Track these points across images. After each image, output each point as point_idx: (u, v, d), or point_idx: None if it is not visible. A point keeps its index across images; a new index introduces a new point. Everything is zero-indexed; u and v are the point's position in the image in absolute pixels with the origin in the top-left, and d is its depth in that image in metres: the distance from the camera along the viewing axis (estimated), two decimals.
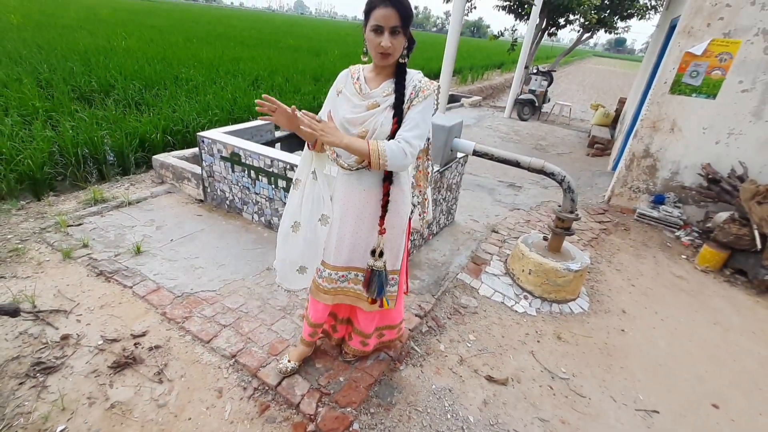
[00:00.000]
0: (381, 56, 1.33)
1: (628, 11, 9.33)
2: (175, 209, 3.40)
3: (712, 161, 3.79)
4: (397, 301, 1.84)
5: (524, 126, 8.40)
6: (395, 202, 1.55)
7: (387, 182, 1.50)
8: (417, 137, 1.37)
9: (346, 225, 1.58)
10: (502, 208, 4.17)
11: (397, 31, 1.30)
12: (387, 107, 1.39)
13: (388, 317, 1.93)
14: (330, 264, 1.66)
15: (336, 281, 1.68)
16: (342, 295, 1.73)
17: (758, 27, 3.37)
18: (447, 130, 2.88)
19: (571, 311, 2.70)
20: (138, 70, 7.31)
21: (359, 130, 1.41)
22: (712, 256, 3.36)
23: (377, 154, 1.31)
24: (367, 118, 1.39)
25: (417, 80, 1.42)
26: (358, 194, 1.53)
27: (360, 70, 1.49)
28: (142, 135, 4.52)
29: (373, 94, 1.41)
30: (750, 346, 2.57)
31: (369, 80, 1.45)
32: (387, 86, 1.41)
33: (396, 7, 1.26)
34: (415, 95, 1.40)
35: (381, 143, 1.33)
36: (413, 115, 1.39)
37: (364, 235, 1.59)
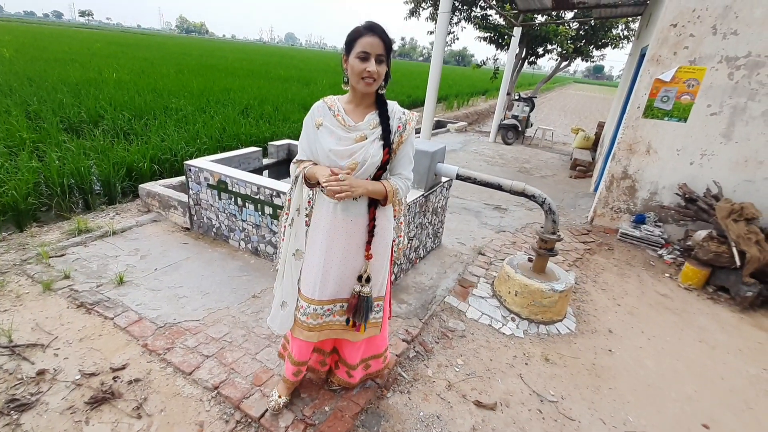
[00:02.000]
0: (365, 83, 1.37)
1: (602, 41, 9.84)
2: (161, 238, 3.37)
3: (687, 181, 3.92)
4: (382, 328, 1.82)
5: (509, 150, 8.61)
6: (381, 227, 1.57)
7: (373, 207, 1.52)
8: (411, 170, 1.58)
9: (333, 256, 1.56)
10: (488, 231, 4.22)
11: (382, 60, 1.36)
12: (375, 139, 1.43)
13: (373, 346, 1.89)
14: (315, 299, 1.61)
15: (321, 316, 1.64)
16: (328, 330, 1.68)
17: (721, 54, 3.57)
18: (430, 156, 2.95)
19: (558, 332, 2.71)
20: (128, 101, 7.40)
21: (348, 162, 1.42)
22: (694, 273, 3.42)
23: (393, 193, 1.48)
24: (356, 150, 1.42)
25: (400, 112, 1.48)
26: (345, 224, 1.53)
27: (336, 101, 1.49)
28: (130, 164, 4.53)
29: (360, 126, 1.44)
30: (737, 363, 2.58)
31: (349, 112, 1.47)
32: (371, 118, 1.44)
33: (381, 36, 1.34)
34: (403, 128, 1.46)
35: (393, 183, 1.49)
36: (407, 150, 1.51)
37: (351, 263, 1.58)
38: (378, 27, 1.35)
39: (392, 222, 1.65)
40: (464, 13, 9.86)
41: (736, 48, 3.51)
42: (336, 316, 1.66)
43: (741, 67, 3.54)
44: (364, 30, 1.34)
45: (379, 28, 1.34)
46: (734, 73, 3.57)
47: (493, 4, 7.50)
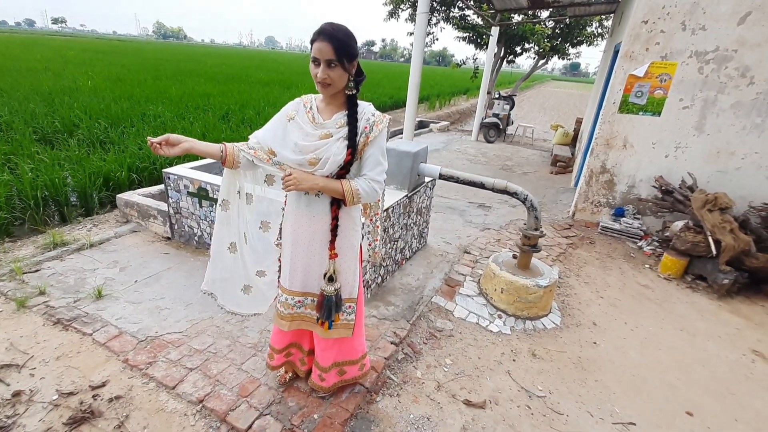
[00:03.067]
0: (320, 86, 1.39)
1: (577, 38, 10.04)
2: (141, 249, 3.30)
3: (663, 173, 4.02)
4: (356, 332, 1.80)
5: (491, 148, 8.70)
6: (344, 227, 1.58)
7: (335, 206, 1.53)
8: (381, 172, 1.50)
9: (298, 249, 1.60)
10: (473, 229, 4.25)
11: (333, 64, 1.33)
12: (340, 138, 1.43)
13: (346, 350, 1.86)
14: (287, 289, 1.67)
15: (293, 306, 1.69)
16: (299, 321, 1.73)
17: (691, 49, 3.68)
18: (412, 156, 2.95)
19: (544, 327, 2.74)
20: (104, 109, 7.22)
21: (310, 157, 1.43)
22: (672, 263, 3.50)
23: (351, 194, 1.45)
24: (319, 146, 1.43)
25: (370, 113, 1.48)
26: (308, 220, 1.56)
27: (312, 99, 1.53)
28: (107, 174, 4.42)
29: (327, 124, 1.45)
30: (717, 350, 2.65)
31: (321, 110, 1.49)
32: (339, 118, 1.45)
33: (331, 41, 1.30)
34: (370, 129, 1.45)
35: (354, 183, 1.45)
36: (374, 152, 1.47)
37: (316, 259, 1.61)
38: (328, 31, 1.31)
39: (359, 224, 1.66)
40: (443, 13, 9.94)
41: (704, 43, 3.62)
42: (307, 308, 1.71)
43: (710, 62, 3.65)
44: (316, 34, 1.33)
45: (329, 32, 1.31)
46: (704, 68, 3.68)
47: (470, 5, 7.58)
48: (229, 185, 1.63)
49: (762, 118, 3.61)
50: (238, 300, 1.79)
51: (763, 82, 3.54)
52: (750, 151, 3.72)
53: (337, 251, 1.59)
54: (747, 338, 2.79)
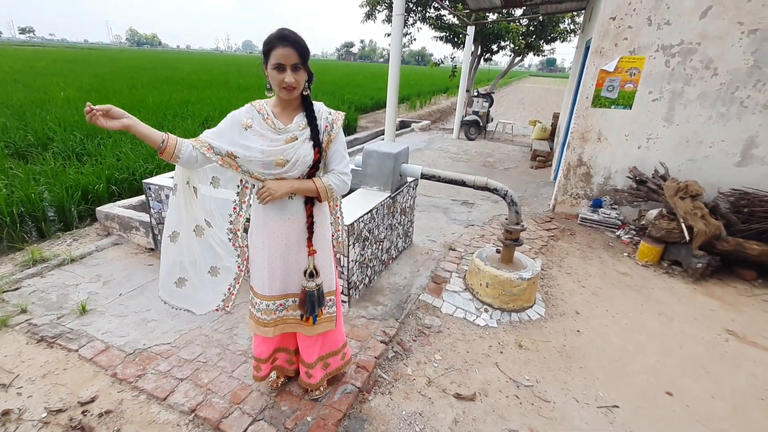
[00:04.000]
0: (286, 91, 1.41)
1: (551, 35, 10.29)
2: (124, 261, 3.25)
3: (637, 164, 4.16)
4: (337, 323, 1.85)
5: (472, 145, 8.83)
6: (319, 223, 1.63)
7: (309, 204, 1.58)
8: (347, 165, 1.60)
9: (275, 253, 1.61)
10: (457, 226, 4.32)
11: (298, 67, 1.39)
12: (305, 139, 1.48)
13: (329, 342, 1.91)
14: (266, 295, 1.67)
15: (275, 311, 1.70)
16: (283, 324, 1.75)
17: (657, 44, 3.82)
18: (394, 157, 2.99)
19: (529, 318, 2.81)
20: (78, 120, 7.05)
21: (276, 159, 1.45)
22: (649, 251, 3.63)
23: (325, 191, 1.52)
24: (286, 150, 1.46)
25: (326, 112, 1.55)
26: (282, 223, 1.58)
27: (264, 105, 1.51)
28: (85, 187, 4.34)
29: (289, 128, 1.48)
30: (693, 331, 2.76)
31: (278, 115, 1.50)
32: (300, 120, 1.49)
33: (294, 46, 1.35)
34: (330, 127, 1.53)
35: (325, 180, 1.53)
36: (338, 148, 1.57)
37: (294, 259, 1.64)
38: (290, 36, 1.36)
39: (329, 217, 1.72)
40: (419, 14, 10.03)
41: (670, 37, 3.77)
42: (289, 310, 1.73)
43: (676, 55, 3.79)
44: (276, 41, 1.35)
45: (291, 37, 1.36)
46: (670, 61, 3.82)
47: (445, 5, 7.68)
48: (180, 173, 1.57)
49: (726, 108, 3.78)
50: (172, 292, 1.71)
51: (725, 73, 3.70)
52: (717, 140, 3.88)
53: (315, 247, 1.63)
54: (721, 318, 2.92)
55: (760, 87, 3.64)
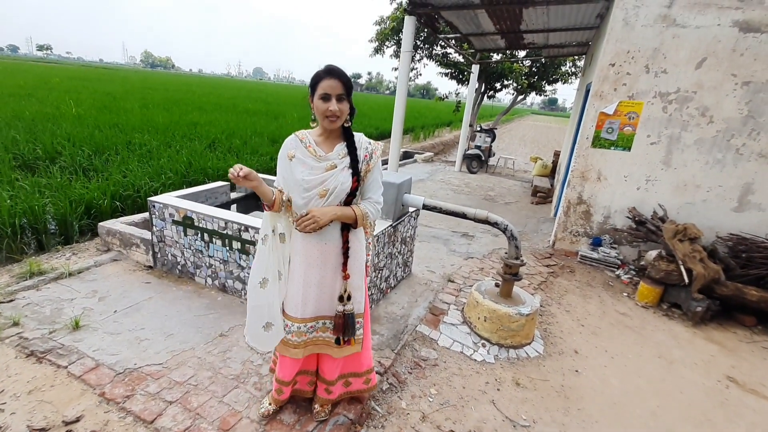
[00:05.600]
0: (329, 120, 1.52)
1: (553, 77, 10.67)
2: (121, 278, 3.24)
3: (636, 205, 4.22)
4: (363, 345, 1.85)
5: (474, 178, 8.95)
6: (354, 248, 1.67)
7: (346, 231, 1.63)
8: (381, 194, 1.71)
9: (312, 277, 1.65)
10: (456, 258, 4.32)
11: (343, 98, 1.51)
12: (344, 167, 1.57)
13: (352, 364, 1.92)
14: (298, 317, 1.70)
15: (306, 333, 1.72)
16: (312, 345, 1.76)
17: (655, 90, 3.96)
18: (397, 187, 3.04)
19: (527, 355, 2.77)
20: (88, 136, 7.19)
21: (319, 190, 1.54)
22: (649, 292, 3.62)
23: (362, 217, 1.60)
24: (327, 178, 1.55)
25: (366, 142, 1.64)
26: (320, 248, 1.63)
27: (308, 135, 1.63)
28: (89, 201, 4.37)
29: (330, 157, 1.57)
30: (693, 377, 2.72)
31: (320, 144, 1.60)
32: (340, 149, 1.59)
33: (340, 78, 1.49)
34: (370, 157, 1.61)
35: (363, 207, 1.61)
36: (375, 177, 1.66)
37: (329, 283, 1.68)
38: (336, 70, 1.50)
39: (364, 242, 1.76)
40: (426, 51, 10.42)
41: (667, 84, 3.91)
42: (319, 332, 1.75)
43: (673, 101, 3.93)
44: (324, 74, 1.50)
45: (337, 71, 1.50)
46: (668, 107, 3.96)
47: (452, 44, 8.01)
48: (268, 223, 1.66)
49: (723, 154, 3.87)
50: (259, 336, 1.73)
51: (721, 121, 3.82)
52: (714, 185, 3.95)
53: (349, 272, 1.67)
54: (721, 365, 2.87)
55: (755, 136, 3.74)
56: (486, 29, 6.07)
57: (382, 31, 10.26)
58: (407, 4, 4.74)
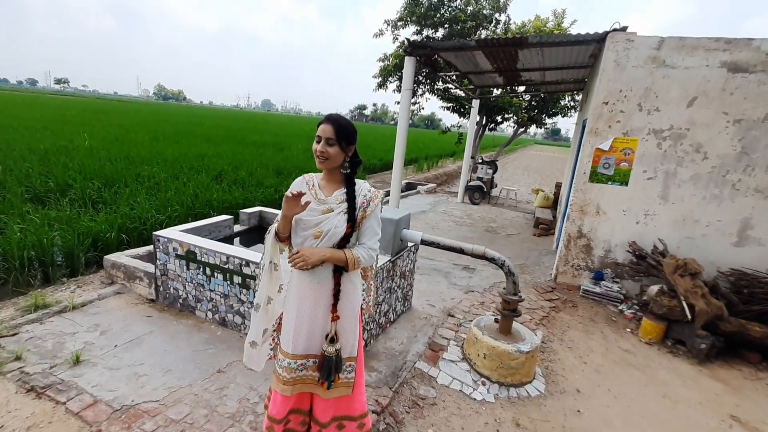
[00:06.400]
0: (318, 160, 1.61)
1: (552, 110, 10.92)
2: (124, 311, 3.27)
3: (636, 239, 4.23)
4: (355, 390, 1.84)
5: (476, 210, 9.02)
6: (346, 291, 1.71)
7: (337, 273, 1.67)
8: (377, 241, 1.72)
9: (303, 314, 1.69)
10: (457, 291, 4.32)
11: (332, 143, 1.58)
12: (341, 212, 1.62)
13: (345, 407, 1.89)
14: (289, 353, 1.71)
15: (295, 370, 1.73)
16: (301, 384, 1.76)
17: (649, 127, 4.07)
18: (395, 223, 3.11)
19: (528, 394, 2.73)
20: (99, 169, 7.41)
21: (314, 231, 1.60)
22: (652, 328, 3.57)
23: (353, 261, 1.62)
24: (322, 220, 1.61)
25: (366, 190, 1.71)
26: (313, 287, 1.67)
27: (314, 178, 1.73)
28: (96, 234, 4.47)
29: (328, 200, 1.64)
30: (698, 417, 2.65)
31: (322, 187, 1.70)
32: (339, 194, 1.66)
33: (333, 124, 1.58)
34: (367, 204, 1.67)
35: (355, 252, 1.63)
36: (371, 224, 1.69)
37: (320, 322, 1.70)
38: (333, 117, 1.62)
39: (359, 286, 1.79)
40: (428, 86, 10.77)
41: (660, 122, 4.02)
42: (309, 371, 1.75)
43: (666, 138, 4.02)
44: (324, 119, 1.62)
45: (333, 118, 1.61)
46: (662, 143, 4.05)
47: (452, 80, 8.30)
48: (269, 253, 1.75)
49: (719, 189, 3.92)
50: (247, 350, 1.84)
51: (715, 157, 3.89)
52: (713, 220, 3.97)
53: (339, 313, 1.70)
54: (725, 404, 2.81)
55: (750, 171, 3.80)
56: (484, 68, 6.31)
57: (385, 67, 10.67)
58: (407, 46, 4.97)
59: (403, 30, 10.27)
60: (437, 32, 9.97)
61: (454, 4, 9.77)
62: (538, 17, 10.08)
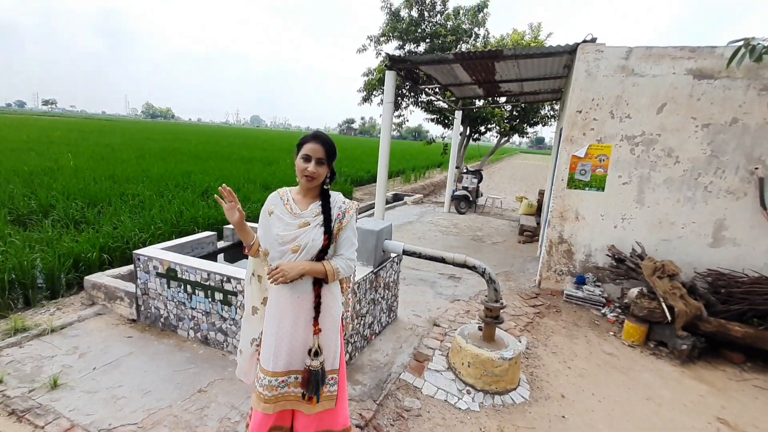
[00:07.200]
0: (306, 179, 1.63)
1: (533, 120, 11.17)
2: (104, 333, 3.22)
3: (615, 243, 4.31)
4: (338, 404, 1.83)
5: (462, 219, 9.09)
6: (327, 303, 1.72)
7: (317, 286, 1.69)
8: (354, 251, 1.75)
9: (284, 329, 1.68)
10: (443, 301, 4.33)
11: (322, 162, 1.62)
12: (317, 225, 1.64)
13: (328, 421, 1.86)
14: (270, 370, 1.69)
15: (276, 388, 1.71)
16: (283, 401, 1.74)
17: (621, 134, 4.19)
18: (376, 234, 3.13)
19: (513, 402, 2.73)
20: (83, 189, 7.33)
21: (292, 245, 1.62)
22: (634, 330, 3.62)
23: (333, 273, 1.64)
24: (299, 234, 1.62)
25: (341, 201, 1.74)
26: (293, 301, 1.67)
27: (288, 192, 1.74)
28: (78, 255, 4.41)
29: (304, 214, 1.66)
30: (682, 419, 2.67)
31: (298, 202, 1.71)
32: (315, 208, 1.68)
33: (323, 145, 1.62)
34: (342, 215, 1.70)
35: (333, 263, 1.66)
36: (348, 235, 1.72)
37: (301, 336, 1.69)
38: (321, 136, 1.64)
39: (339, 298, 1.80)
40: (412, 98, 10.95)
41: (632, 128, 4.14)
42: (291, 387, 1.73)
43: (639, 144, 4.14)
44: (310, 138, 1.64)
45: (322, 137, 1.64)
46: (635, 149, 4.16)
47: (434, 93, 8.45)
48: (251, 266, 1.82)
49: (692, 192, 4.03)
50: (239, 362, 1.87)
51: (687, 161, 4.01)
52: (688, 222, 4.08)
53: (321, 326, 1.70)
54: (711, 405, 2.84)
55: (721, 174, 3.92)
56: (463, 80, 6.45)
57: (369, 81, 10.83)
58: (387, 60, 5.08)
59: (386, 45, 10.48)
60: (419, 47, 10.18)
61: (435, 20, 10.02)
62: (516, 31, 10.37)
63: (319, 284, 1.68)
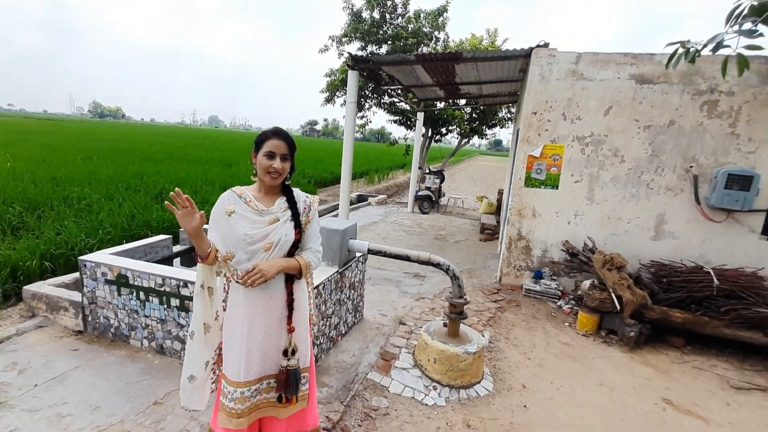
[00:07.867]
0: (271, 176, 1.58)
1: (492, 122, 11.56)
2: (46, 346, 2.98)
3: (569, 238, 4.54)
4: (310, 403, 1.80)
5: (426, 219, 9.23)
6: (299, 299, 1.69)
7: (290, 283, 1.65)
8: (320, 243, 1.77)
9: (255, 336, 1.61)
10: (408, 299, 4.37)
11: (286, 158, 1.59)
12: (287, 220, 1.62)
13: (298, 423, 1.82)
14: (241, 381, 1.61)
15: (249, 398, 1.64)
16: (257, 411, 1.67)
17: (573, 135, 4.42)
18: (341, 233, 3.11)
19: (477, 395, 2.80)
20: (21, 192, 6.74)
21: (264, 243, 1.56)
22: (587, 320, 3.83)
23: (306, 267, 1.64)
24: (270, 231, 1.58)
25: (304, 196, 1.73)
26: (265, 302, 1.61)
27: (245, 191, 1.64)
28: (15, 263, 4.05)
29: (272, 210, 1.61)
30: (633, 402, 2.85)
31: (260, 199, 1.64)
32: (281, 203, 1.65)
33: (285, 140, 1.59)
34: (308, 209, 1.69)
35: (305, 258, 1.65)
36: (315, 228, 1.73)
37: (273, 338, 1.64)
38: (282, 132, 1.61)
39: (307, 294, 1.77)
40: (374, 100, 10.98)
41: (582, 129, 4.38)
42: (263, 394, 1.67)
43: (589, 144, 4.39)
44: (271, 134, 1.59)
45: (283, 133, 1.61)
46: (585, 149, 4.41)
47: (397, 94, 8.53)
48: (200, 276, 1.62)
49: (636, 189, 4.32)
50: (185, 389, 1.68)
51: (631, 160, 4.30)
52: (633, 217, 4.37)
53: (294, 324, 1.66)
54: (656, 387, 3.05)
55: (660, 172, 4.23)
56: (425, 82, 6.56)
57: (332, 82, 10.75)
58: (350, 60, 5.06)
59: (348, 46, 10.45)
60: (381, 48, 10.24)
61: (396, 22, 10.11)
62: (474, 35, 10.68)
63: (291, 281, 1.65)
